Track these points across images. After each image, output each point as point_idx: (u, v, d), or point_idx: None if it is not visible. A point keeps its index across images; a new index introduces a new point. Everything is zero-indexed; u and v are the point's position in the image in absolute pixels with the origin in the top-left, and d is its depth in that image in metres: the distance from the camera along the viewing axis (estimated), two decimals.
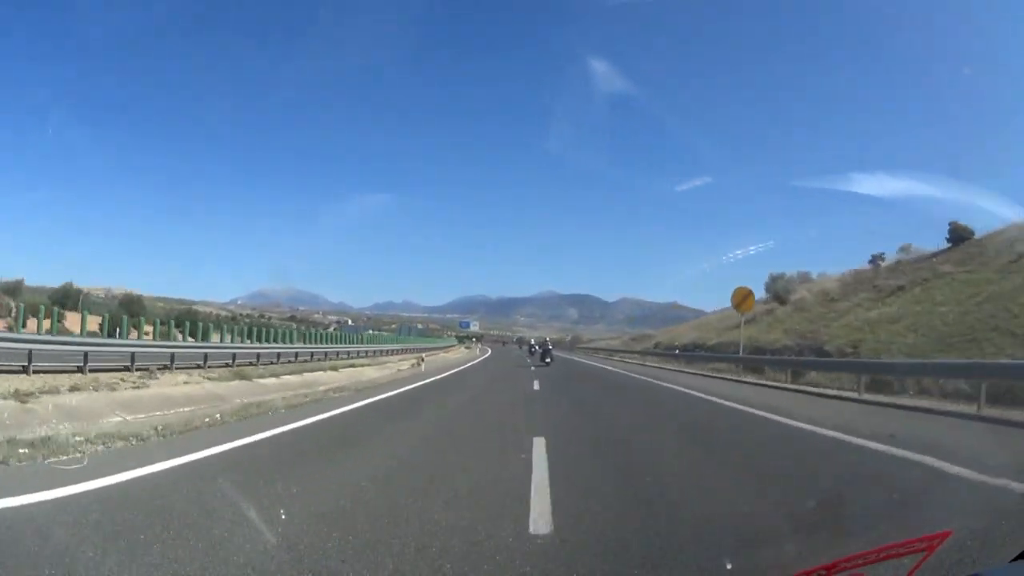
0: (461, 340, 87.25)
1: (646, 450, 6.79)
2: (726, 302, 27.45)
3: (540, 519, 3.63)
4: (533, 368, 24.71)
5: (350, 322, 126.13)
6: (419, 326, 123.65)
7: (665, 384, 17.58)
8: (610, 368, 29.07)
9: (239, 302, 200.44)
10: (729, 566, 2.93)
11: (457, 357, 40.23)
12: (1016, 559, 1.82)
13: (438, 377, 19.28)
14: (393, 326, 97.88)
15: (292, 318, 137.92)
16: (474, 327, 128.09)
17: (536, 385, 16.09)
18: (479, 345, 79.17)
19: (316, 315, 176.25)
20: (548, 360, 27.49)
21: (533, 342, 39.63)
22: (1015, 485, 4.39)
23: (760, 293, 32.02)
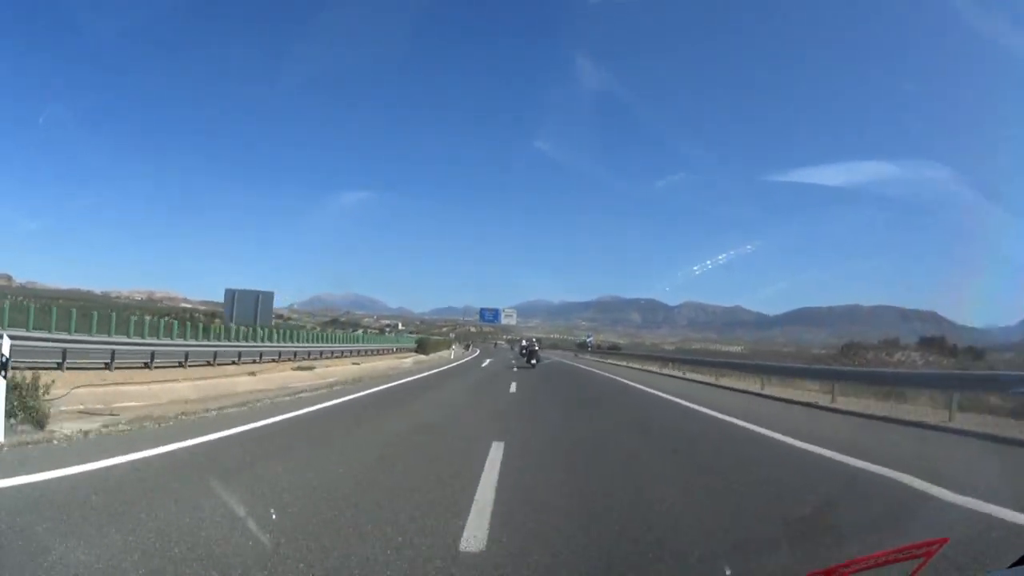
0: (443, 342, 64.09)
1: None
2: (792, 305, 18.29)
3: None
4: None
5: (400, 326, 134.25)
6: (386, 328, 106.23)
7: None
8: None
9: (295, 306, 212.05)
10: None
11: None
12: (1015, 564, 1.83)
13: None
14: (444, 328, 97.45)
15: (333, 321, 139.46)
16: (506, 319, 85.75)
17: None
18: (455, 350, 52.28)
19: (367, 319, 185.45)
20: (534, 362, 28.39)
21: (524, 343, 42.61)
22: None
23: None
